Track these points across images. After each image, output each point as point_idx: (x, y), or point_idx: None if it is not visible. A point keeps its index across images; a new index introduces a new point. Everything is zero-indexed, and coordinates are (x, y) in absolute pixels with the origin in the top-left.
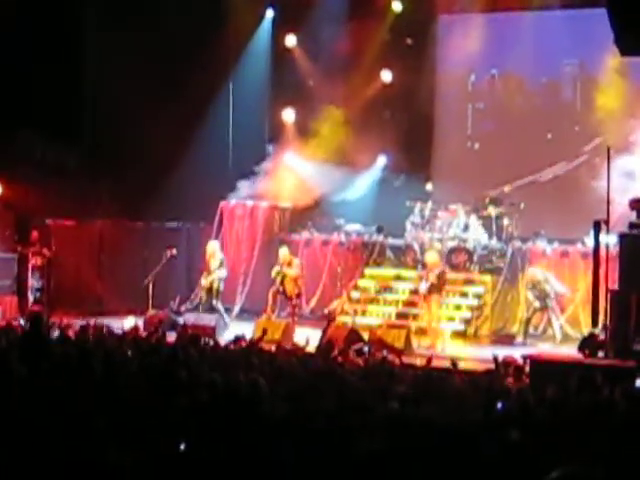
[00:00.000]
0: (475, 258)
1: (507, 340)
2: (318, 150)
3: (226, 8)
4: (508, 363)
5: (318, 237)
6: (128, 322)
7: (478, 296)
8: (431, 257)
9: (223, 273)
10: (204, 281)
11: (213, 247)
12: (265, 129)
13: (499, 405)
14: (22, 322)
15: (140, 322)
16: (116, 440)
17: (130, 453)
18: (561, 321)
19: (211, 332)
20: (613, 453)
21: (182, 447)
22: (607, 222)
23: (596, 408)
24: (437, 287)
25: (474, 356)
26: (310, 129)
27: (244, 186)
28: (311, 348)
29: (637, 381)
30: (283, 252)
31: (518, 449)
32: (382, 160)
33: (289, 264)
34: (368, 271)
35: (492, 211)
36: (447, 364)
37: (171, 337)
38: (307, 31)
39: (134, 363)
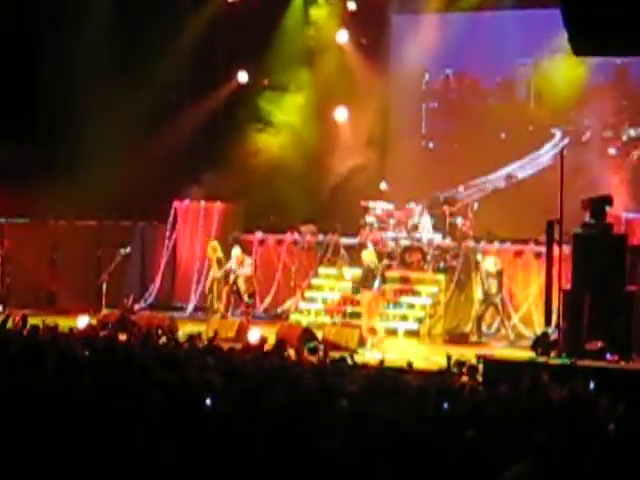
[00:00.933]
0: (429, 257)
1: (461, 339)
2: (274, 148)
3: (183, 12)
4: (462, 362)
5: (272, 236)
6: (82, 321)
7: (432, 295)
8: (367, 256)
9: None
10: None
11: (213, 248)
12: (220, 129)
13: (445, 405)
14: None
15: (93, 321)
16: (70, 440)
17: (84, 453)
18: (514, 320)
19: (165, 330)
20: (561, 451)
21: (136, 446)
22: (560, 222)
23: (546, 407)
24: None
25: (428, 355)
26: (265, 127)
27: (198, 185)
28: (265, 347)
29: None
30: (235, 252)
31: (470, 447)
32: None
33: (241, 264)
34: (322, 270)
35: (446, 210)
36: (402, 363)
37: (124, 336)
38: (262, 29)
39: (87, 361)
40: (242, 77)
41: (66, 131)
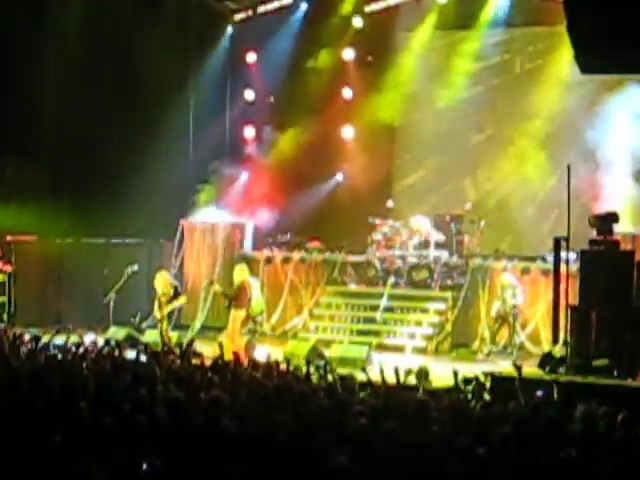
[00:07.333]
0: (436, 275)
1: (468, 356)
2: (278, 166)
3: (186, 26)
4: (469, 379)
5: (279, 254)
6: (88, 339)
7: (439, 313)
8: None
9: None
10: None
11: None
12: (225, 146)
13: (453, 422)
14: None
15: (101, 339)
16: (74, 458)
17: (91, 471)
18: (521, 337)
19: (173, 348)
20: (569, 470)
21: (144, 465)
22: (567, 239)
23: (555, 426)
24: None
25: (435, 373)
26: (270, 145)
27: (205, 203)
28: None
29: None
30: None
31: (479, 464)
32: (342, 176)
33: None
34: (329, 288)
35: (453, 228)
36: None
37: (131, 354)
38: (267, 48)
39: (94, 380)
40: (249, 95)
41: (72, 149)
